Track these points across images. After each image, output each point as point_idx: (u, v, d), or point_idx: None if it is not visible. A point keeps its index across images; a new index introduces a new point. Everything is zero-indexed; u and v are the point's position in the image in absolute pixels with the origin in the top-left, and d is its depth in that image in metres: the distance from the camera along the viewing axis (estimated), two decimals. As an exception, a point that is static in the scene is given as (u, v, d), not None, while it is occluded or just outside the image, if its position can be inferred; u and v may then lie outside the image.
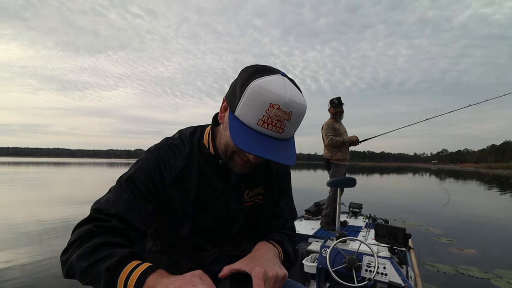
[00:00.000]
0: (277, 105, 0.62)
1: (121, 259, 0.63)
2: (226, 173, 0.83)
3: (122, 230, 0.70)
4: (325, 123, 3.67)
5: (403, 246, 1.94)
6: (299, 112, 0.66)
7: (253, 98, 0.63)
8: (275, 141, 0.66)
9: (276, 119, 0.63)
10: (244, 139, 0.64)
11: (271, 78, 0.65)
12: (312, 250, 2.44)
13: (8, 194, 10.56)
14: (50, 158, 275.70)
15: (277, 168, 0.95)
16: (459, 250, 4.32)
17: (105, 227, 0.69)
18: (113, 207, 0.71)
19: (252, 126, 0.64)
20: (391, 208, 8.48)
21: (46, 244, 4.38)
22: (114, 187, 0.77)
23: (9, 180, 16.53)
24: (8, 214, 6.72)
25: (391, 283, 1.79)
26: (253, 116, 0.64)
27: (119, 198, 0.73)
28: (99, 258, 0.63)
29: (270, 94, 0.62)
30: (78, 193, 11.55)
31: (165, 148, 0.81)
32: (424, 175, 36.58)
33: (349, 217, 4.07)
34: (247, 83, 0.64)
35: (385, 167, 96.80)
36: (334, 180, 2.94)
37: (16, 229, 5.30)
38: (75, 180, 18.17)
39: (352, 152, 3.97)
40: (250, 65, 0.72)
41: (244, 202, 0.87)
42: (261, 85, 0.63)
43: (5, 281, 3.01)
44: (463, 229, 6.04)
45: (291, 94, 0.64)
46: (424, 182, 23.91)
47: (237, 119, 0.66)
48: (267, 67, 0.69)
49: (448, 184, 20.42)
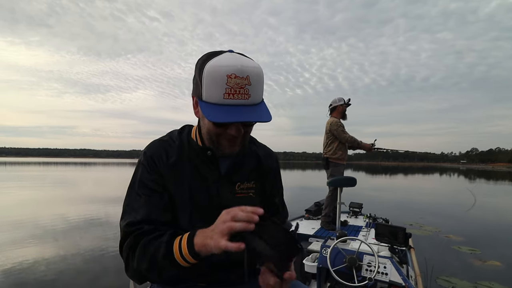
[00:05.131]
0: (233, 74, 0.69)
1: (167, 243, 0.73)
2: (216, 164, 0.88)
3: (155, 230, 0.78)
4: (334, 120, 3.61)
5: (403, 246, 1.92)
6: (255, 74, 0.72)
7: (211, 78, 0.71)
8: (246, 107, 0.72)
9: (238, 86, 0.70)
10: (218, 114, 0.70)
11: (221, 56, 0.73)
12: (313, 249, 2.45)
13: (37, 192, 11.23)
14: (77, 158, 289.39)
15: (267, 163, 0.99)
16: (481, 262, 3.83)
17: (141, 234, 0.77)
18: (138, 215, 0.79)
19: (221, 102, 0.71)
20: (409, 211, 8.13)
21: (70, 240, 4.63)
22: (129, 197, 0.84)
23: (40, 177, 17.56)
24: (36, 211, 7.16)
25: (392, 282, 1.78)
26: (217, 93, 0.71)
27: (138, 205, 0.81)
28: (152, 254, 0.73)
29: (224, 67, 0.70)
30: (105, 192, 12.05)
31: (156, 145, 0.89)
32: (452, 175, 34.90)
33: (350, 217, 4.03)
34: (202, 69, 0.72)
35: (409, 167, 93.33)
36: (334, 179, 2.92)
37: (43, 225, 5.64)
38: (102, 179, 19.00)
39: (374, 151, 3.86)
40: (202, 55, 0.78)
41: (236, 193, 0.90)
42: (214, 64, 0.71)
43: (31, 275, 3.21)
44: (489, 237, 5.39)
45: (242, 61, 0.71)
46: (450, 182, 22.84)
47: (206, 102, 0.73)
48: (215, 51, 0.77)
49: (476, 185, 19.19)
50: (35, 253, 3.91)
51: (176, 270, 0.72)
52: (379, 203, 9.03)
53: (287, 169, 46.07)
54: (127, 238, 0.78)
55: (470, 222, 6.83)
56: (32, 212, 6.92)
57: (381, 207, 8.06)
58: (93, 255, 3.88)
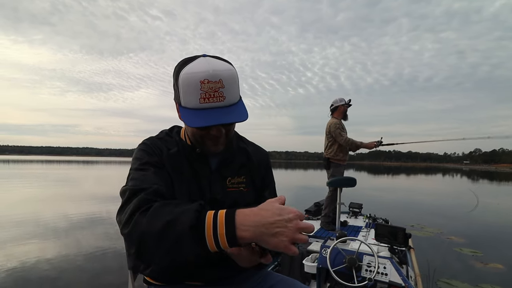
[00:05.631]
0: (206, 79, 0.72)
1: (198, 213, 0.63)
2: (206, 160, 0.91)
3: (167, 194, 0.75)
4: (334, 122, 3.61)
5: (403, 246, 1.92)
6: (228, 76, 0.75)
7: (186, 85, 0.74)
8: (222, 109, 0.75)
9: (212, 90, 0.73)
10: (196, 119, 0.74)
11: (194, 63, 0.75)
12: (312, 250, 2.45)
13: (39, 189, 11.30)
14: (80, 156, 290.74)
15: (257, 158, 1.01)
16: (483, 265, 3.78)
17: (154, 191, 0.71)
18: (147, 181, 0.75)
19: (197, 106, 0.74)
20: (411, 212, 8.11)
21: (72, 238, 4.67)
22: (132, 174, 0.80)
23: (43, 176, 17.67)
24: (38, 208, 7.21)
25: (392, 283, 1.78)
26: (193, 99, 0.74)
27: (144, 175, 0.77)
28: (174, 217, 0.62)
29: (196, 74, 0.73)
30: (107, 190, 12.11)
31: (153, 139, 0.92)
32: (454, 176, 34.76)
33: (349, 217, 4.03)
34: (177, 77, 0.76)
35: (412, 167, 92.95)
36: (334, 180, 2.92)
37: (44, 223, 5.68)
38: (105, 178, 19.08)
39: (377, 151, 3.92)
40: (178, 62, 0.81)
41: (227, 187, 0.92)
42: (187, 72, 0.74)
43: (33, 272, 3.24)
44: (491, 239, 5.30)
45: (214, 66, 0.74)
46: (452, 183, 22.75)
47: (185, 108, 0.76)
48: (190, 57, 0.79)
49: (479, 186, 19.12)
50: (37, 251, 3.94)
51: (196, 250, 0.60)
52: (380, 204, 9.01)
53: (289, 168, 46.05)
54: (135, 195, 0.70)
55: (472, 223, 6.74)
56: (35, 210, 6.96)
57: (382, 207, 8.04)
58: (95, 253, 3.91)
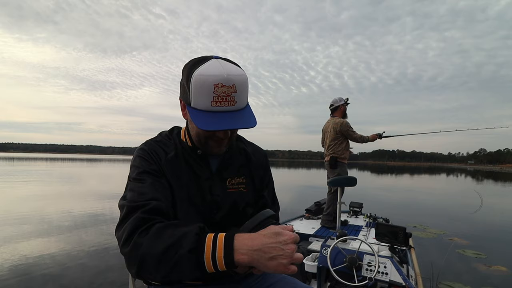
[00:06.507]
0: (220, 83, 0.73)
1: (198, 236, 0.65)
2: (206, 162, 0.91)
3: (165, 209, 0.75)
4: (343, 122, 3.64)
5: (403, 245, 1.91)
6: (241, 81, 0.75)
7: (199, 87, 0.74)
8: (233, 113, 0.76)
9: (224, 95, 0.73)
10: (207, 122, 0.74)
11: (207, 64, 0.75)
12: (313, 249, 2.45)
13: (43, 187, 11.39)
14: (84, 154, 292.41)
15: (256, 159, 1.02)
16: (486, 267, 3.68)
17: (152, 209, 0.72)
18: (144, 195, 0.75)
19: (209, 109, 0.74)
20: (413, 212, 8.00)
21: (75, 235, 4.69)
22: (130, 185, 0.81)
23: (47, 174, 17.82)
24: (42, 206, 7.26)
25: (392, 282, 1.77)
26: (205, 101, 0.74)
27: (142, 187, 0.78)
28: (175, 241, 0.64)
29: (210, 77, 0.72)
30: (110, 188, 12.18)
31: (151, 143, 0.91)
32: (459, 176, 34.45)
33: (350, 216, 4.04)
34: (190, 77, 0.75)
35: (416, 167, 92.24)
36: (335, 179, 2.92)
37: (48, 219, 5.72)
38: (108, 176, 19.18)
39: (380, 150, 4.00)
40: (188, 61, 0.81)
41: (228, 188, 0.93)
42: (201, 73, 0.73)
43: (36, 268, 3.26)
44: (496, 240, 5.16)
45: (228, 70, 0.74)
46: (456, 183, 22.53)
47: (194, 109, 0.76)
48: (202, 57, 0.79)
49: (484, 186, 18.87)
50: (40, 247, 3.97)
51: (195, 273, 0.63)
52: (382, 203, 8.97)
53: (291, 167, 46.00)
54: (133, 213, 0.71)
55: (476, 225, 6.60)
56: (38, 207, 7.01)
57: (383, 207, 8.00)
58: (97, 250, 3.93)
